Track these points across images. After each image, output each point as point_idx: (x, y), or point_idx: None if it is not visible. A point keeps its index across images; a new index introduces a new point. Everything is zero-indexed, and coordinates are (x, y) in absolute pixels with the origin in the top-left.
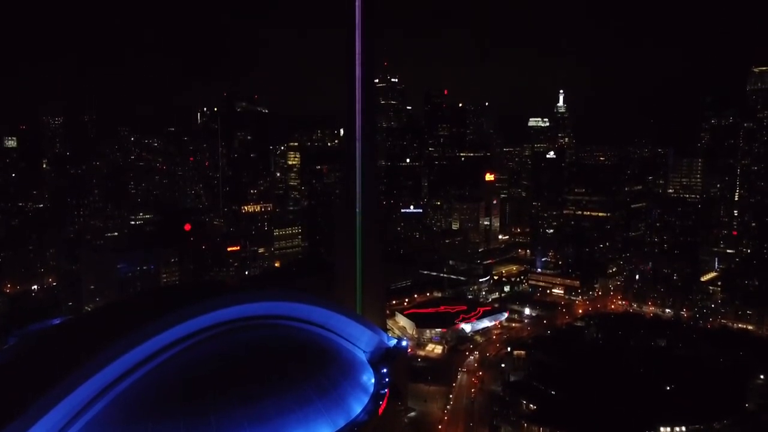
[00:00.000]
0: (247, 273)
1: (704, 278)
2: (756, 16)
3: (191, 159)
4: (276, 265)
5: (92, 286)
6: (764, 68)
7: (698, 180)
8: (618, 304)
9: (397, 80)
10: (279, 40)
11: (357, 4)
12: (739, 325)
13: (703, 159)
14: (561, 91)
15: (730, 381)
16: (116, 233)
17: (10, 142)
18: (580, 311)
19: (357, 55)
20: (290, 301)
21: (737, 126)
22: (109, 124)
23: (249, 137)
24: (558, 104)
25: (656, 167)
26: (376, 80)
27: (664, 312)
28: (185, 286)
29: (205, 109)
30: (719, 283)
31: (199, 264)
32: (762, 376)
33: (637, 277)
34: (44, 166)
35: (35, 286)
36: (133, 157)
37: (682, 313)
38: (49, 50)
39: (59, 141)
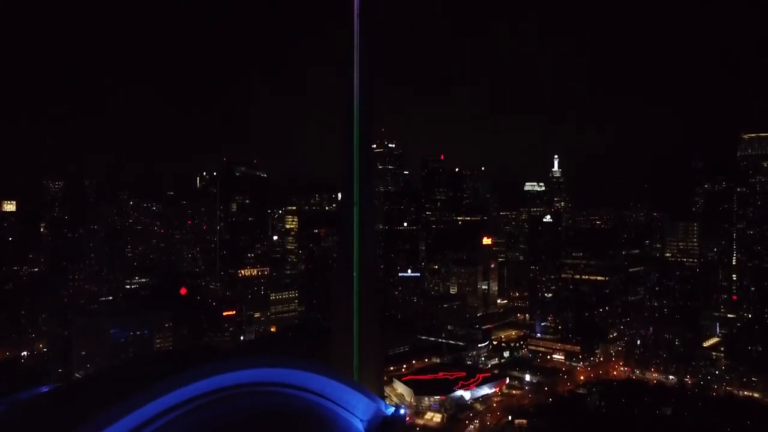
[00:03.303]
0: (242, 338)
1: (707, 344)
2: (745, 84)
3: (189, 222)
4: (272, 329)
5: (83, 352)
6: (753, 135)
7: (695, 244)
8: (620, 370)
9: (394, 146)
10: (279, 107)
11: (355, 72)
12: (745, 393)
13: (698, 223)
14: (556, 156)
15: None
16: (111, 297)
17: (8, 205)
18: (582, 378)
19: (355, 118)
20: (285, 368)
21: (730, 191)
22: (108, 187)
23: (247, 201)
24: (553, 169)
25: (652, 231)
26: (374, 145)
27: (667, 379)
28: (178, 352)
29: (204, 173)
30: (722, 349)
31: (194, 329)
32: None
33: (638, 342)
34: (42, 229)
35: (25, 352)
36: (131, 221)
37: (686, 379)
38: (49, 115)
39: (58, 205)
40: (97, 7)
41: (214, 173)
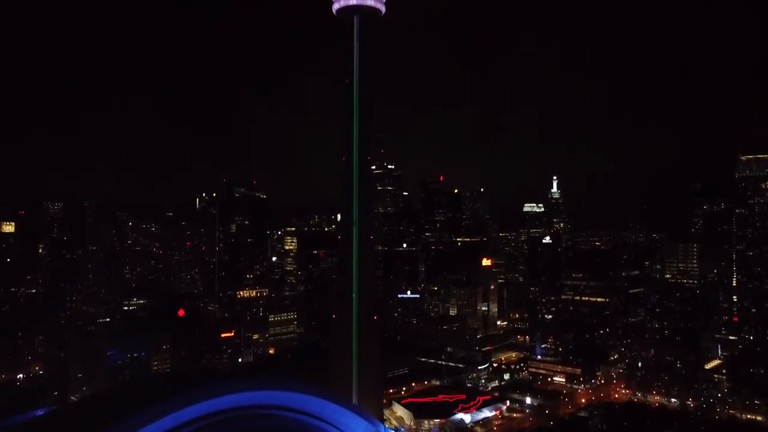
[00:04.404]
0: (240, 360)
1: (708, 366)
2: (742, 106)
3: (188, 243)
4: (270, 351)
5: (80, 375)
6: (751, 156)
7: (695, 265)
8: (621, 393)
9: (393, 167)
10: (278, 127)
11: (355, 92)
12: (748, 416)
13: (698, 244)
14: (555, 177)
15: None
16: (108, 319)
17: (7, 227)
18: (583, 400)
19: (354, 139)
20: (284, 390)
21: (729, 212)
22: (108, 209)
23: (246, 222)
24: (552, 190)
25: (652, 252)
26: (373, 167)
27: (669, 401)
28: (176, 375)
29: (204, 194)
30: (724, 371)
31: (193, 351)
32: None
33: (639, 364)
34: (40, 251)
35: (21, 375)
36: (129, 242)
37: (688, 402)
38: (47, 130)
39: (57, 226)
40: (97, 22)
41: (214, 194)
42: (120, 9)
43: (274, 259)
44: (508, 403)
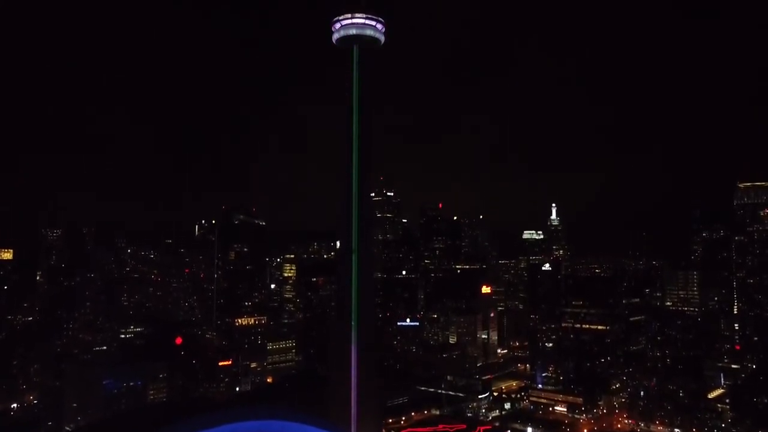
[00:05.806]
0: (238, 389)
1: (711, 395)
2: (740, 134)
3: (187, 271)
4: (269, 380)
5: (75, 404)
6: (749, 184)
7: (695, 292)
8: (624, 422)
9: (392, 194)
10: (279, 156)
11: (354, 120)
12: None
13: (698, 271)
14: (554, 204)
15: None
16: (105, 347)
17: (5, 254)
18: (585, 431)
19: (354, 166)
20: (282, 419)
21: (728, 239)
22: (106, 236)
23: (245, 249)
24: (551, 217)
25: (652, 280)
26: (373, 194)
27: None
28: (173, 404)
29: (203, 221)
30: (727, 401)
31: (189, 379)
32: None
33: (641, 393)
34: (38, 278)
35: (15, 404)
36: (128, 269)
37: None
38: (48, 165)
39: (56, 252)
40: (97, 47)
41: (213, 221)
42: (126, 30)
43: (272, 286)
44: None
